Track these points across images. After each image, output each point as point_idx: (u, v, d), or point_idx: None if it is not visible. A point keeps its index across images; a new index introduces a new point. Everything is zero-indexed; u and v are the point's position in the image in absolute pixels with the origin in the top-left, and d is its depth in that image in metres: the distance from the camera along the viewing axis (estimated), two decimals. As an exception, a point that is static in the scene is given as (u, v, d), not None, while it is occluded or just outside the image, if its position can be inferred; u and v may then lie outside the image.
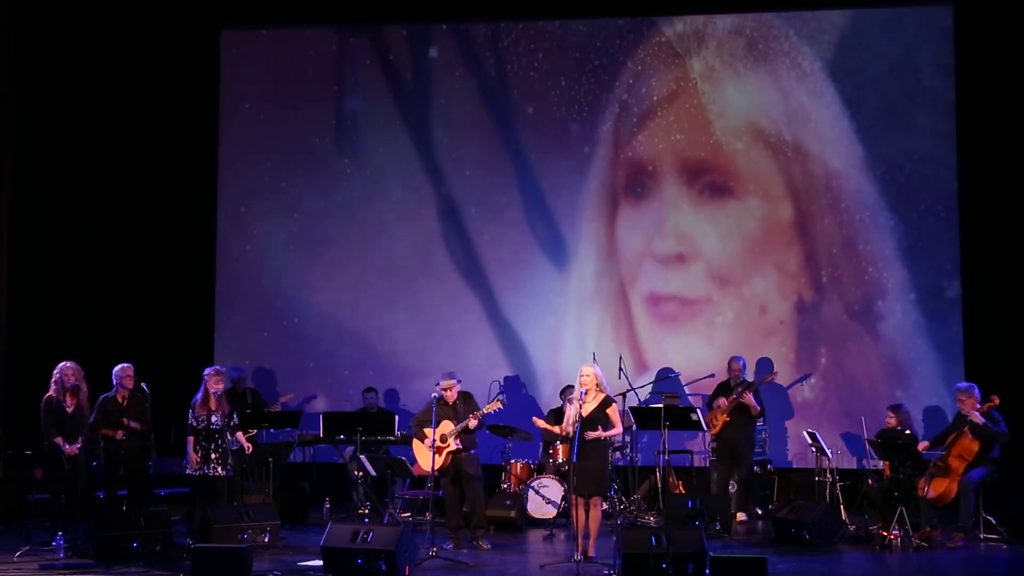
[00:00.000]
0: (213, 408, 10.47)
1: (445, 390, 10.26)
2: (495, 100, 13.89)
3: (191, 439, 10.42)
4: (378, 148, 14.05)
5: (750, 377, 12.41)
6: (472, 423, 10.12)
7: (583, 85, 13.72)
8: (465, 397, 10.35)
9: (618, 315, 13.56)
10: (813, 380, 12.87)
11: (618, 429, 9.52)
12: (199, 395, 10.53)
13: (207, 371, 10.64)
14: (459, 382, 10.35)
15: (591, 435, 9.26)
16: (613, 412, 9.46)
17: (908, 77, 13.18)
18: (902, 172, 13.13)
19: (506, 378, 13.32)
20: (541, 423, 10.14)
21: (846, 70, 13.27)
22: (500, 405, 10.19)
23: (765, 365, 12.89)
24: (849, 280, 13.17)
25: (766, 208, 13.37)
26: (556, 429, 9.94)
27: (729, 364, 12.16)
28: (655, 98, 13.60)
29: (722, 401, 11.91)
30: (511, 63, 13.86)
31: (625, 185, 13.64)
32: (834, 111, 13.27)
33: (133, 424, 10.65)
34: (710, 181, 13.49)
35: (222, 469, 10.41)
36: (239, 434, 10.76)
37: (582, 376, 9.41)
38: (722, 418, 11.77)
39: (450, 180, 13.91)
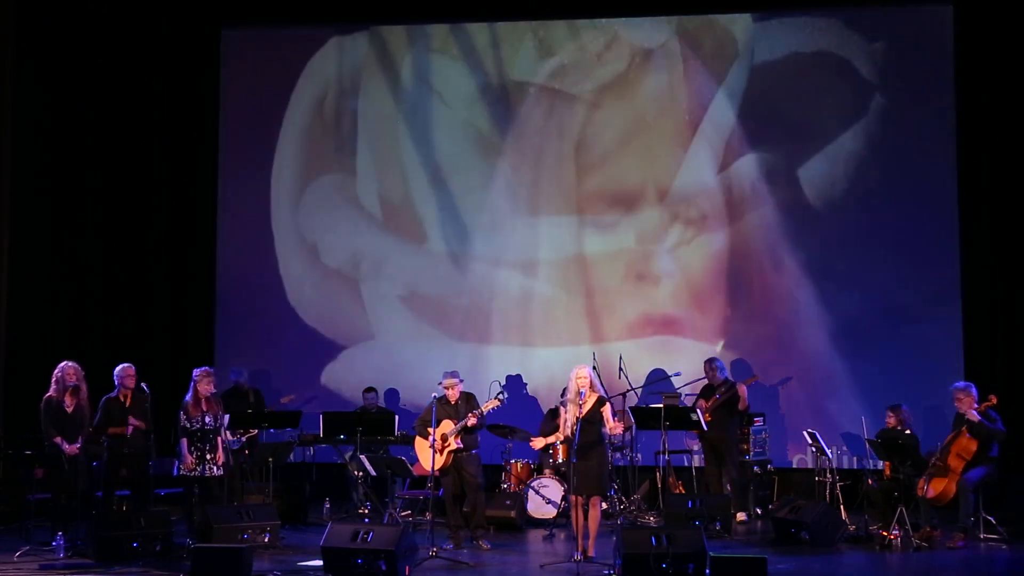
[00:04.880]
0: (205, 409, 10.46)
1: (447, 389, 10.28)
2: (494, 90, 13.88)
3: (185, 441, 10.40)
4: (377, 144, 14.05)
5: (728, 378, 12.37)
6: (471, 421, 10.12)
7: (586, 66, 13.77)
8: (467, 397, 10.35)
9: (619, 309, 13.56)
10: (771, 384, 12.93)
11: (612, 425, 9.52)
12: (189, 396, 10.51)
13: (196, 372, 10.59)
14: (461, 381, 10.37)
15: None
16: (607, 411, 9.49)
17: (910, 71, 13.20)
18: (902, 171, 13.13)
19: (508, 377, 13.33)
20: (540, 443, 10.23)
21: (851, 59, 13.26)
22: (499, 403, 10.19)
23: (741, 366, 12.87)
24: (848, 281, 13.16)
25: (769, 204, 13.36)
26: (553, 438, 10.05)
27: (708, 365, 12.14)
28: (665, 103, 13.63)
29: (702, 403, 11.89)
30: (509, 46, 13.86)
31: (628, 172, 13.65)
32: (839, 103, 13.28)
33: (137, 423, 10.66)
34: (710, 167, 13.50)
35: (217, 469, 10.41)
36: (227, 432, 10.78)
37: (578, 377, 9.42)
38: (704, 418, 11.70)
39: (449, 175, 13.91)
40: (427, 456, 10.15)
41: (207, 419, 10.42)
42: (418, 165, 13.97)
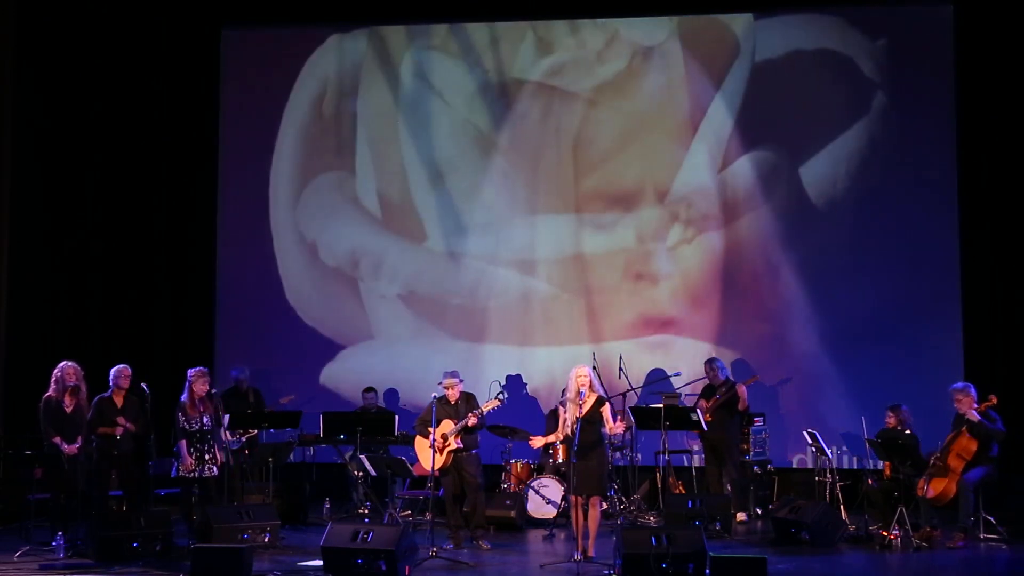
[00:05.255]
0: (202, 409, 10.45)
1: (447, 389, 10.27)
2: (494, 88, 13.87)
3: (183, 442, 10.38)
4: (376, 143, 14.03)
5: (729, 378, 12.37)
6: (472, 421, 10.12)
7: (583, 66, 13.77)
8: (467, 397, 10.34)
9: (619, 309, 13.55)
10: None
11: (611, 426, 9.53)
12: (184, 397, 10.48)
13: (191, 372, 10.57)
14: (461, 381, 10.36)
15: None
16: (606, 411, 9.50)
17: (911, 70, 13.18)
18: (902, 170, 13.12)
19: (508, 377, 13.32)
20: (539, 441, 10.19)
21: (853, 57, 13.23)
22: (499, 403, 10.18)
23: (741, 366, 12.87)
24: (849, 280, 13.15)
25: (770, 203, 13.34)
26: (552, 437, 10.02)
27: (708, 365, 12.14)
28: (667, 101, 13.62)
29: (703, 403, 11.88)
30: (508, 44, 13.84)
31: (629, 182, 13.62)
32: (841, 101, 13.25)
33: (128, 424, 10.65)
34: (710, 166, 13.48)
35: (216, 469, 10.41)
36: (226, 432, 10.77)
37: (579, 377, 9.42)
38: (704, 418, 11.69)
39: (448, 173, 13.89)
40: (427, 456, 10.16)
41: (205, 419, 10.41)
42: (417, 163, 13.95)
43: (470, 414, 10.13)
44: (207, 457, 10.37)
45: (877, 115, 13.21)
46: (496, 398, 10.25)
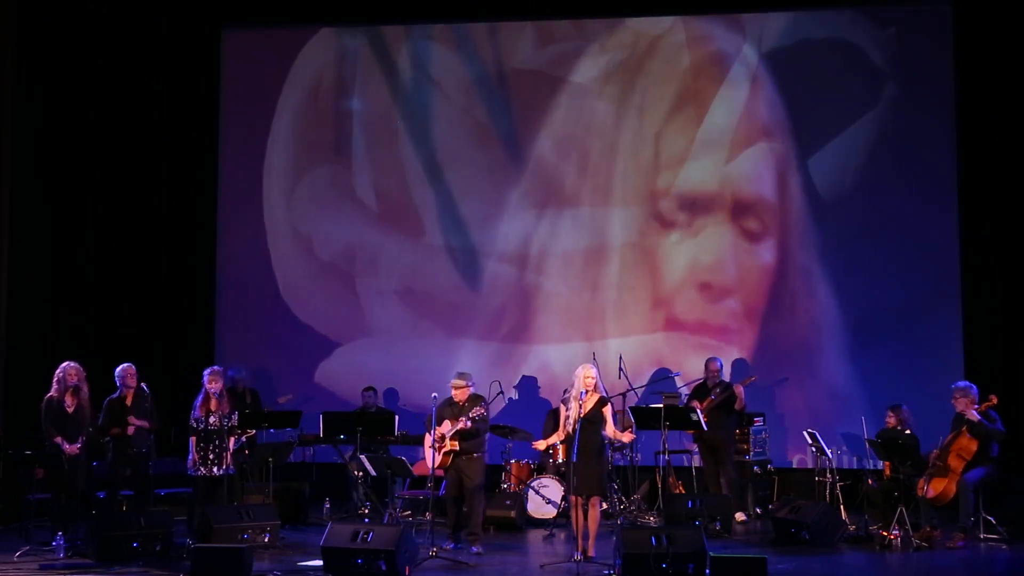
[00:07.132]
0: (212, 408, 10.48)
1: (455, 390, 10.21)
2: (493, 79, 13.85)
3: (192, 440, 10.42)
4: (373, 135, 14.02)
5: (726, 378, 12.36)
6: (461, 424, 10.00)
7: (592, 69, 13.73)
8: (475, 399, 10.21)
9: (620, 307, 13.53)
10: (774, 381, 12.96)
11: (612, 427, 9.52)
12: (200, 396, 10.56)
13: (205, 372, 10.66)
14: (471, 384, 10.16)
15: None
16: (608, 412, 9.49)
17: (913, 69, 13.16)
18: (904, 168, 13.11)
19: (507, 376, 13.24)
20: (542, 444, 10.23)
21: (853, 62, 13.21)
22: (483, 411, 10.03)
23: (740, 366, 12.87)
24: (848, 280, 13.14)
25: (777, 198, 13.33)
26: (554, 438, 10.00)
27: (706, 365, 12.12)
28: (671, 93, 13.58)
29: (696, 403, 11.87)
30: (508, 34, 13.83)
31: (634, 176, 13.62)
32: (839, 105, 13.23)
33: (140, 422, 10.69)
34: (712, 169, 13.46)
35: (218, 469, 10.41)
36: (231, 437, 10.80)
37: (585, 378, 9.41)
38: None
39: (447, 166, 13.87)
40: (428, 454, 10.13)
41: (212, 419, 10.45)
42: (415, 157, 13.91)
43: (461, 418, 9.99)
44: (211, 457, 10.37)
45: (885, 108, 13.12)
46: (482, 405, 10.08)
